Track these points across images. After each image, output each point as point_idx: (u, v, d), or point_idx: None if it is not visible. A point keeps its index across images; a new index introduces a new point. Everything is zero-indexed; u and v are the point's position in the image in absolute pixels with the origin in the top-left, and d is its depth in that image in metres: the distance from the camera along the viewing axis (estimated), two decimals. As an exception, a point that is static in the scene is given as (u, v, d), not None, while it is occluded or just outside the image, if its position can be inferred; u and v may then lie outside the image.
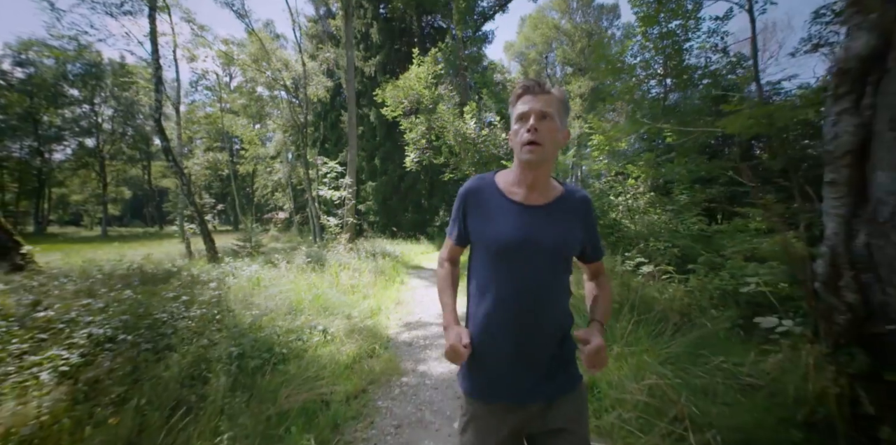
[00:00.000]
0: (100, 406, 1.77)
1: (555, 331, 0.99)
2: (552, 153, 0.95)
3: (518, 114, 0.96)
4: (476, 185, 1.07)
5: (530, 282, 0.94)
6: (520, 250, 0.95)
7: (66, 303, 2.79)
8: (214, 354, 2.31)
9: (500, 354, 0.97)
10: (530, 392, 0.96)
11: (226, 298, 3.51)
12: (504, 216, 0.99)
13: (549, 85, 0.97)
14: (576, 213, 1.01)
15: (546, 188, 1.01)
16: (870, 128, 1.34)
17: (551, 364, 0.98)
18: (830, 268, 1.54)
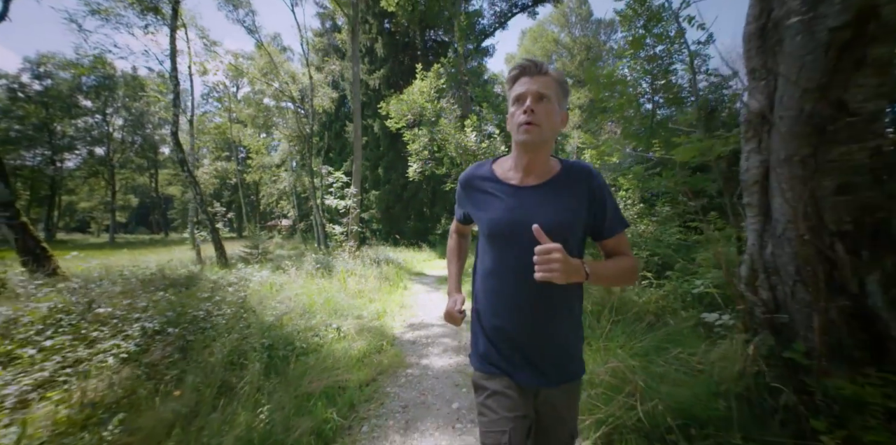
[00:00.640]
0: (162, 383, 2.17)
1: (558, 317, 0.96)
2: (550, 135, 0.92)
3: (515, 95, 0.93)
4: (473, 172, 1.08)
5: (526, 265, 0.88)
6: (512, 233, 0.94)
7: (115, 302, 3.20)
8: (248, 345, 2.70)
9: (503, 334, 0.99)
10: (528, 375, 0.97)
11: (248, 299, 3.91)
12: (497, 200, 0.99)
13: (547, 66, 0.93)
14: (576, 188, 0.96)
15: (543, 169, 0.98)
16: (768, 164, 1.75)
17: (553, 350, 0.97)
18: (750, 272, 1.93)
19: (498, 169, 1.04)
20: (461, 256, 1.25)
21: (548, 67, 0.92)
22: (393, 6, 13.84)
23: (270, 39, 25.34)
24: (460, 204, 1.15)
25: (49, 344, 2.46)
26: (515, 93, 0.93)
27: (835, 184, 1.56)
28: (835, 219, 1.57)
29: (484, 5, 15.00)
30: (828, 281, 1.61)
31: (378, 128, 17.63)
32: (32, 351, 2.37)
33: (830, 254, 1.58)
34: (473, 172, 1.08)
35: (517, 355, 0.97)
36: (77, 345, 2.46)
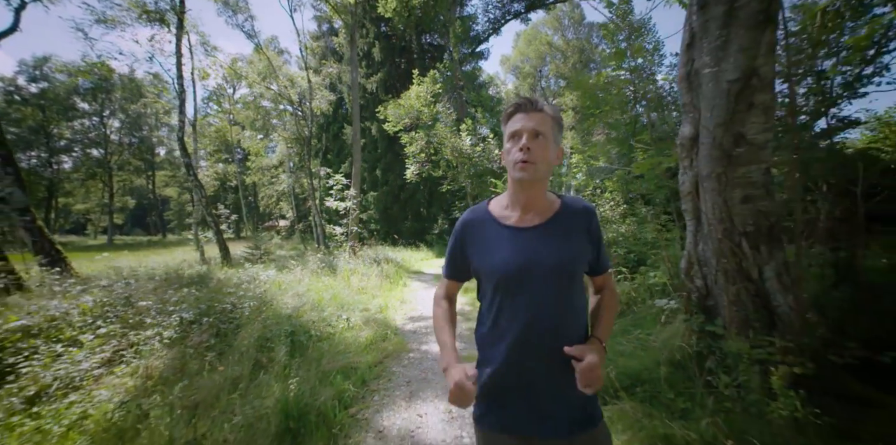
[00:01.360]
0: (206, 361, 2.60)
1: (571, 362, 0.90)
2: (546, 172, 0.92)
3: (510, 132, 0.93)
4: (469, 218, 1.04)
5: (539, 309, 0.89)
6: (521, 277, 0.90)
7: (150, 298, 3.62)
8: (272, 333, 3.14)
9: (518, 387, 0.92)
10: (549, 426, 0.91)
11: (264, 295, 4.33)
12: (500, 244, 0.95)
13: (542, 103, 0.93)
14: (577, 227, 0.96)
15: (542, 207, 0.97)
16: (697, 179, 2.21)
17: (571, 396, 0.91)
18: (687, 265, 2.40)
19: (495, 209, 1.01)
20: (452, 323, 1.08)
21: (543, 104, 0.92)
22: (390, 12, 14.24)
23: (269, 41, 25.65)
24: (455, 254, 1.05)
25: (103, 331, 2.88)
26: (511, 130, 0.92)
27: (740, 195, 2.02)
28: (741, 222, 2.04)
29: (478, 12, 15.42)
30: (737, 270, 2.08)
31: (376, 130, 18.02)
32: (91, 337, 2.79)
33: (738, 250, 2.05)
34: (471, 217, 1.03)
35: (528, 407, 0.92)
36: (127, 332, 2.89)
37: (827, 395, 1.76)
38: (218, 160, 24.39)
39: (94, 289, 4.01)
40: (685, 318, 2.40)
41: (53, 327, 2.85)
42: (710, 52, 1.95)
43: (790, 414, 1.48)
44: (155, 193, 36.62)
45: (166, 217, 44.08)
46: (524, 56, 28.74)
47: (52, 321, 2.93)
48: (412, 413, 2.41)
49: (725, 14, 1.85)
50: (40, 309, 3.02)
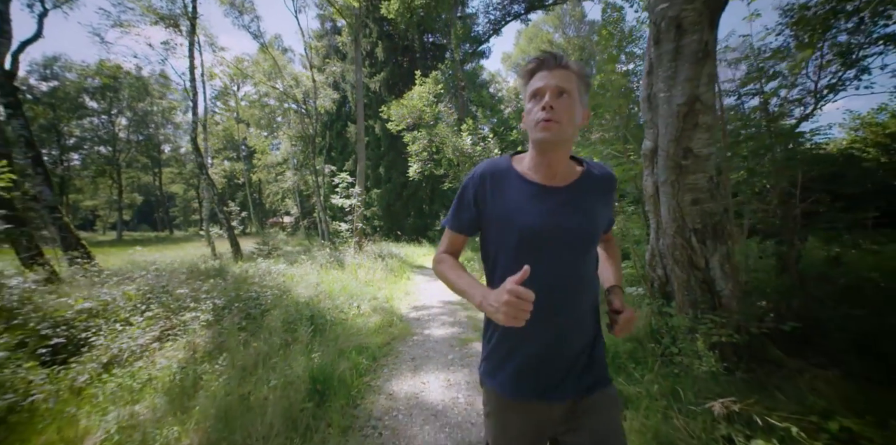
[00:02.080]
0: (240, 339, 3.05)
1: (589, 325, 0.92)
2: (570, 133, 0.85)
3: (532, 90, 0.85)
4: (490, 169, 0.95)
5: (562, 272, 0.87)
6: (549, 238, 0.87)
7: (182, 287, 4.07)
8: (294, 317, 3.59)
9: (530, 350, 0.90)
10: (557, 390, 0.89)
11: (283, 285, 4.79)
12: (528, 201, 0.89)
13: (566, 58, 0.86)
14: (601, 192, 0.94)
15: (566, 169, 0.92)
16: (657, 184, 2.62)
17: (580, 360, 0.91)
18: (650, 257, 2.81)
19: (517, 166, 0.95)
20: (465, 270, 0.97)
21: (568, 60, 0.85)
22: (392, 13, 14.56)
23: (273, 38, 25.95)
24: (465, 205, 0.97)
25: (150, 314, 3.34)
26: (533, 88, 0.85)
27: (690, 198, 2.43)
28: (691, 221, 2.45)
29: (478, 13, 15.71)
30: (688, 261, 2.49)
31: (379, 129, 18.41)
32: (140, 319, 3.25)
33: (688, 244, 2.46)
34: (493, 167, 0.95)
35: (546, 369, 0.90)
36: (170, 315, 3.34)
37: (752, 358, 2.19)
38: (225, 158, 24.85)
39: (127, 280, 4.47)
40: (648, 302, 2.83)
41: (108, 310, 3.31)
42: (663, 80, 2.35)
43: (709, 370, 1.91)
44: (162, 190, 37.19)
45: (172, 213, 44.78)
46: (525, 54, 28.93)
47: (106, 305, 3.39)
48: (417, 381, 2.85)
49: (674, 50, 2.25)
50: (92, 296, 3.48)
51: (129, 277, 4.83)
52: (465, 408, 2.40)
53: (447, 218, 1.03)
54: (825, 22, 6.04)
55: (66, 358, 2.60)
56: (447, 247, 1.06)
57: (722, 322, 2.22)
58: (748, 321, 2.21)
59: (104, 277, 4.68)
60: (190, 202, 44.20)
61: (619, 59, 8.21)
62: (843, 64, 7.14)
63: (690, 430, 1.69)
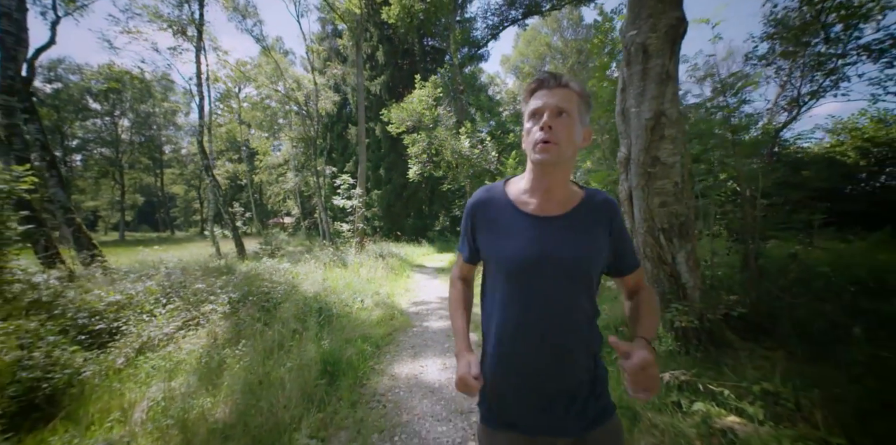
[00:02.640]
0: (256, 329, 3.35)
1: (581, 356, 0.87)
2: (570, 154, 0.84)
3: (531, 110, 0.85)
4: (484, 197, 0.97)
5: (550, 303, 0.83)
6: (536, 268, 0.84)
7: (197, 283, 4.38)
8: (304, 309, 3.90)
9: (519, 381, 0.88)
10: (553, 426, 0.86)
11: (291, 281, 5.10)
12: (516, 230, 0.88)
13: (567, 78, 0.85)
14: (599, 221, 0.89)
15: (564, 195, 0.90)
16: (630, 188, 2.93)
17: (578, 393, 0.87)
18: (626, 253, 3.13)
19: (512, 192, 0.94)
20: (468, 307, 1.07)
21: (568, 79, 0.85)
22: (393, 18, 14.89)
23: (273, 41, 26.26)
24: (467, 237, 0.99)
25: (171, 307, 3.65)
26: (532, 108, 0.85)
27: (658, 201, 2.75)
28: (659, 221, 2.77)
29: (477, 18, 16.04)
30: (657, 257, 2.81)
31: (379, 131, 18.73)
32: (163, 311, 3.56)
33: (657, 242, 2.78)
34: (486, 196, 0.96)
35: (536, 404, 0.87)
36: (190, 308, 3.65)
37: (710, 341, 2.50)
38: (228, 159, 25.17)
39: (144, 277, 4.78)
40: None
41: (134, 303, 3.62)
42: (634, 97, 2.66)
43: (667, 348, 2.22)
44: (163, 191, 37.48)
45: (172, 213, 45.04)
46: (524, 56, 29.29)
47: (131, 299, 3.70)
48: (416, 365, 3.16)
49: (642, 71, 2.57)
50: (118, 291, 3.79)
51: (145, 274, 5.13)
52: (459, 387, 2.71)
53: (459, 245, 1.06)
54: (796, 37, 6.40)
55: (104, 343, 2.91)
56: (458, 272, 1.10)
57: (685, 309, 2.54)
58: (707, 309, 2.53)
59: (122, 274, 4.98)
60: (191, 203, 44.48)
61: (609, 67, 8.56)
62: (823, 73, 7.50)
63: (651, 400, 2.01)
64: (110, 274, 4.97)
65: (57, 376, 2.23)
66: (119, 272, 5.12)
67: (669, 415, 1.85)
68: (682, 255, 2.75)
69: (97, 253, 7.01)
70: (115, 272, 5.13)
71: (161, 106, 30.33)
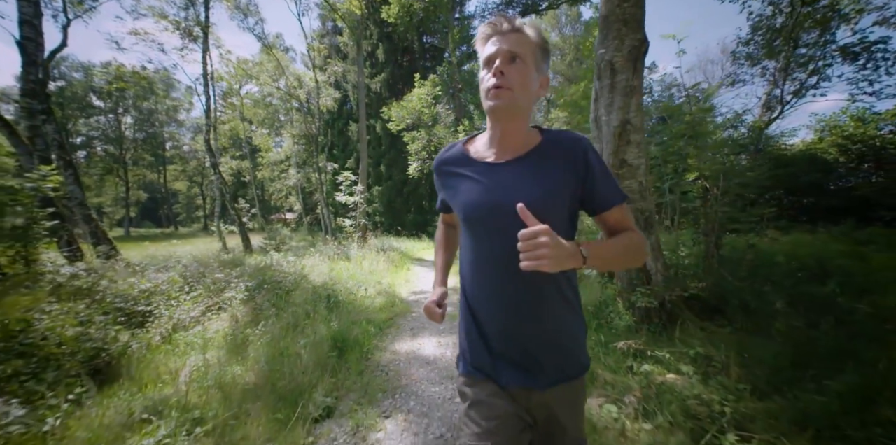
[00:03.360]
0: (272, 312, 3.76)
1: (550, 309, 0.84)
2: (525, 100, 0.79)
3: (484, 58, 0.80)
4: (443, 155, 0.97)
5: (509, 254, 0.75)
6: (490, 216, 0.83)
7: (214, 273, 4.79)
8: (314, 296, 4.30)
9: (487, 331, 0.89)
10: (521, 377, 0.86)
11: (299, 272, 5.51)
12: (470, 182, 0.87)
13: (521, 22, 0.80)
14: (562, 160, 0.83)
15: (520, 141, 0.85)
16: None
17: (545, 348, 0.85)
18: (601, 244, 3.52)
19: (471, 147, 0.94)
20: (448, 247, 1.14)
21: (522, 23, 0.80)
22: (392, 18, 15.12)
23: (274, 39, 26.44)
24: (438, 190, 1.03)
25: (195, 294, 4.06)
26: (485, 55, 0.80)
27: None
28: (627, 216, 3.15)
29: (475, 16, 16.25)
30: (626, 247, 3.20)
31: (380, 128, 19.05)
32: (187, 297, 3.97)
33: (624, 233, 3.16)
34: (444, 155, 0.97)
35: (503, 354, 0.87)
36: (211, 295, 4.06)
37: (670, 319, 2.90)
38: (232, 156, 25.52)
39: (163, 269, 5.18)
40: (599, 281, 3.54)
41: (161, 291, 4.02)
42: (604, 107, 3.03)
43: (626, 324, 2.62)
44: (166, 187, 37.87)
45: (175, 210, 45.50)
46: (523, 52, 29.39)
47: (157, 287, 4.10)
48: (414, 343, 3.57)
49: (610, 85, 2.93)
50: (147, 280, 4.20)
51: (164, 266, 5.54)
52: (451, 359, 3.12)
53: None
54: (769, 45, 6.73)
55: (141, 324, 3.32)
56: (442, 219, 1.20)
57: (647, 292, 2.93)
58: (666, 292, 2.92)
59: (142, 267, 5.39)
60: (193, 199, 44.89)
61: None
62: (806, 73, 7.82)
63: (607, 363, 2.41)
64: (131, 267, 5.38)
65: (111, 348, 2.64)
66: (139, 265, 5.52)
67: (622, 375, 2.25)
68: (648, 246, 3.13)
69: (113, 247, 7.43)
70: (136, 265, 5.54)
71: (163, 103, 30.64)
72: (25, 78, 6.67)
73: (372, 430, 2.06)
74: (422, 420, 2.15)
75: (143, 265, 5.48)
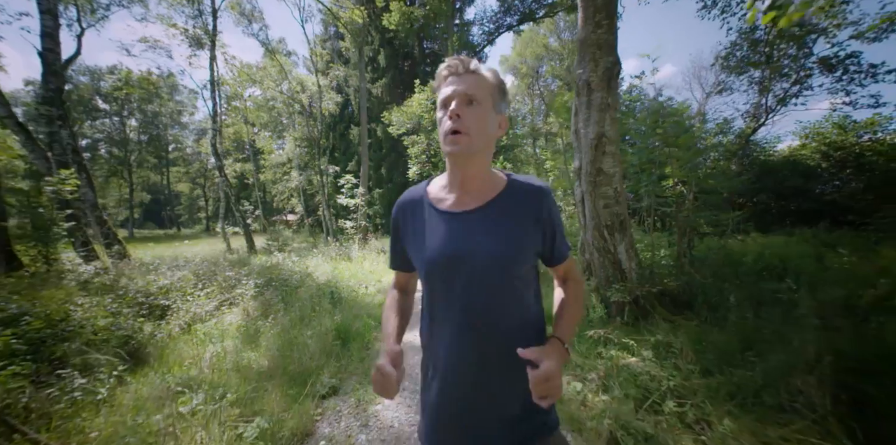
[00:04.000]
0: (280, 308, 4.08)
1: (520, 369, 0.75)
2: (482, 144, 0.78)
3: (441, 99, 0.79)
4: (406, 200, 0.92)
5: (472, 307, 0.76)
6: (450, 269, 0.78)
7: (224, 272, 5.11)
8: (318, 293, 4.62)
9: (452, 397, 0.82)
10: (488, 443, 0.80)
11: (303, 271, 5.83)
12: (431, 230, 0.83)
13: (476, 63, 0.79)
14: (524, 210, 0.81)
15: (482, 187, 0.83)
16: (583, 193, 3.63)
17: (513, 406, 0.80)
18: (581, 245, 3.83)
19: (432, 190, 0.88)
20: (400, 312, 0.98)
21: (478, 66, 0.79)
22: (394, 25, 15.53)
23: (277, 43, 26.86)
24: (394, 242, 0.94)
25: (208, 290, 4.38)
26: (442, 97, 0.79)
27: (602, 203, 3.45)
28: (604, 219, 3.47)
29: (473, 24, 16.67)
30: (603, 248, 3.51)
31: (381, 132, 19.41)
32: (201, 293, 4.29)
33: (602, 236, 3.48)
34: (406, 200, 0.91)
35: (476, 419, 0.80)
36: (223, 291, 4.38)
37: (641, 313, 3.21)
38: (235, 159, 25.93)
39: (175, 268, 5.51)
40: (587, 278, 3.85)
41: (176, 288, 4.35)
42: (583, 121, 3.36)
43: (599, 315, 2.94)
44: (169, 189, 38.27)
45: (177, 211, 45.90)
46: (522, 57, 29.84)
47: (173, 284, 4.43)
48: (411, 335, 3.82)
49: (587, 101, 3.26)
50: (164, 277, 4.52)
51: (175, 265, 5.87)
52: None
53: (389, 254, 1.00)
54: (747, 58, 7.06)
55: (161, 316, 3.64)
56: (395, 283, 1.03)
57: (621, 288, 3.25)
58: (638, 288, 3.23)
59: (154, 266, 5.72)
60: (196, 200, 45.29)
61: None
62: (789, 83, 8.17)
63: (580, 350, 2.72)
64: (145, 266, 5.71)
65: (138, 336, 2.96)
66: (152, 264, 5.85)
67: (592, 359, 2.56)
68: (623, 246, 3.45)
69: (123, 248, 7.77)
70: (149, 264, 5.86)
71: (167, 105, 31.10)
72: (45, 87, 7.03)
73: (371, 404, 2.37)
74: (414, 396, 2.47)
75: (156, 264, 5.80)
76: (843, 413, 1.60)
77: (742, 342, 2.41)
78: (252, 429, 1.86)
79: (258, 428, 1.87)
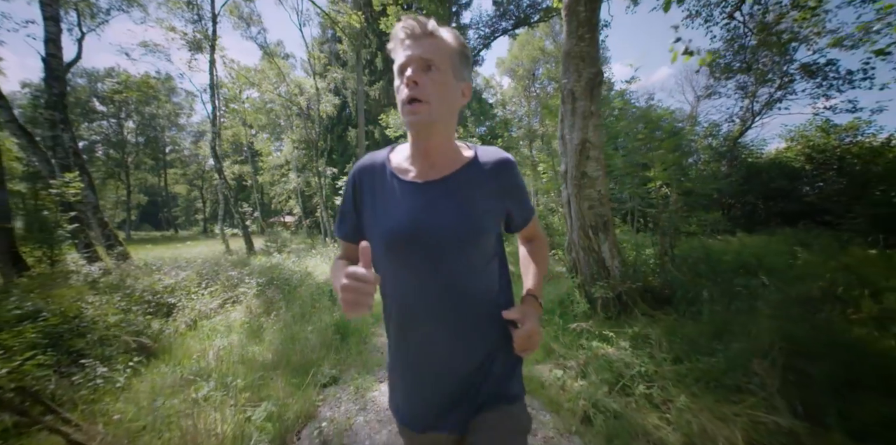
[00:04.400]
0: (282, 305, 4.25)
1: (482, 337, 0.79)
2: (444, 112, 0.74)
3: (397, 66, 0.74)
4: (367, 165, 0.85)
5: (435, 278, 0.76)
6: (413, 242, 0.76)
7: (227, 272, 5.27)
8: (317, 291, 4.80)
9: (418, 373, 0.82)
10: (450, 414, 0.80)
11: (303, 271, 6.00)
12: (394, 201, 0.79)
13: (434, 25, 0.73)
14: (489, 183, 0.79)
15: (446, 158, 0.80)
16: (569, 195, 3.82)
17: (475, 377, 0.80)
18: (568, 245, 4.03)
19: (395, 159, 0.85)
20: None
21: (436, 27, 0.73)
22: (390, 28, 15.73)
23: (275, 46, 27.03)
24: (347, 208, 0.88)
25: (212, 289, 4.54)
26: (398, 63, 0.73)
27: (587, 205, 3.65)
28: (589, 220, 3.67)
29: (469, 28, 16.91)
30: (588, 247, 3.71)
31: (378, 134, 19.60)
32: (205, 291, 4.46)
33: (587, 236, 3.68)
34: (367, 164, 0.85)
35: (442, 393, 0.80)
36: (226, 289, 4.55)
37: (624, 308, 3.41)
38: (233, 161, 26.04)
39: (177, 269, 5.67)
40: (567, 276, 4.05)
41: (181, 287, 4.51)
42: (568, 127, 3.56)
43: (583, 309, 3.13)
44: (167, 191, 38.28)
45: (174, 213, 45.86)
46: (518, 60, 30.12)
47: (177, 283, 4.59)
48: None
49: (572, 109, 3.47)
50: (169, 276, 4.69)
51: (178, 265, 6.03)
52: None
53: (335, 223, 0.94)
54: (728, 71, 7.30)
55: (167, 313, 3.81)
56: (343, 252, 0.96)
57: (605, 285, 3.45)
58: (621, 285, 3.44)
59: (157, 267, 5.87)
60: (193, 202, 45.29)
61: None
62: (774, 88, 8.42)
63: (563, 341, 2.92)
64: (148, 267, 5.86)
65: (148, 332, 3.13)
66: (155, 265, 6.00)
67: (574, 350, 2.76)
68: (606, 245, 3.66)
69: (124, 249, 7.91)
70: (152, 265, 6.02)
71: (164, 107, 31.17)
72: (49, 91, 7.19)
73: (369, 391, 2.56)
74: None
75: (158, 265, 5.95)
76: (789, 392, 1.80)
77: (712, 332, 2.61)
78: (260, 412, 2.05)
79: (266, 411, 2.05)
